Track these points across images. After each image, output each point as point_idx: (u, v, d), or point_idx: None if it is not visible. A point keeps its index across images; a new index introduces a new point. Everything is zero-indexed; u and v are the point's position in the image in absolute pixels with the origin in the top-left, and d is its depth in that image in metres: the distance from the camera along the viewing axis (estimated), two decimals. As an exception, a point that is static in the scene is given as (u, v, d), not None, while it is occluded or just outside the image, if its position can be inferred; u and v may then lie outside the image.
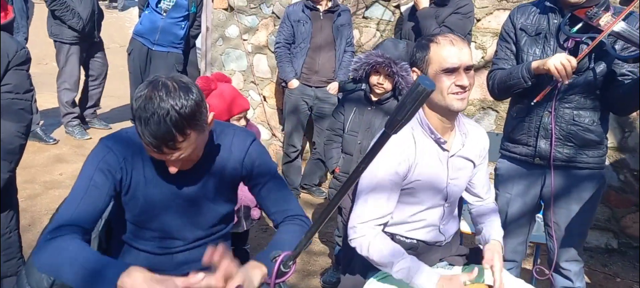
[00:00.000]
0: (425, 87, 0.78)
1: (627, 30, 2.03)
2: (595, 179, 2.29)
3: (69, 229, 1.44)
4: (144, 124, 1.38)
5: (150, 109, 1.37)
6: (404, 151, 1.79)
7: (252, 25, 5.21)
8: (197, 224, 1.66)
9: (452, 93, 1.74)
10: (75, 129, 5.24)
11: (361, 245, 1.79)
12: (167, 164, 1.49)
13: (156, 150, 1.42)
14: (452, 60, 1.72)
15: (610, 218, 3.76)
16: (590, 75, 2.18)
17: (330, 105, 4.20)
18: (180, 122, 1.38)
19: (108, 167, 1.52)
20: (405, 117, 0.82)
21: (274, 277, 1.03)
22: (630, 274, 3.55)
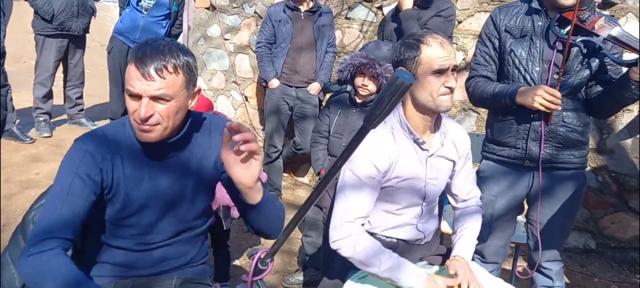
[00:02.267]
0: (403, 80, 0.77)
1: (625, 35, 2.06)
2: (579, 178, 2.31)
3: (52, 242, 1.41)
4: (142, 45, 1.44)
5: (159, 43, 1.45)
6: (384, 149, 1.80)
7: (234, 25, 5.18)
8: (178, 218, 1.64)
9: (441, 94, 1.76)
10: (40, 125, 5.10)
11: (347, 245, 1.76)
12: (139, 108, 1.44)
13: (142, 71, 1.40)
14: (442, 62, 1.74)
15: (588, 219, 3.80)
16: (578, 78, 2.19)
17: (311, 106, 4.19)
18: (176, 53, 1.44)
19: (86, 171, 1.48)
20: (383, 111, 0.80)
21: (252, 274, 1.01)
22: (608, 274, 3.59)
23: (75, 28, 5.08)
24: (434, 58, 1.74)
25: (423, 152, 1.87)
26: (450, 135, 1.93)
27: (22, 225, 1.67)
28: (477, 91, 2.32)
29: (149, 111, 1.44)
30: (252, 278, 1.02)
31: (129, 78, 1.43)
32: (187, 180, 1.63)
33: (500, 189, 2.40)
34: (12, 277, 1.61)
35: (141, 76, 1.41)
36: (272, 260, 1.03)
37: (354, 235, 1.77)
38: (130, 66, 1.43)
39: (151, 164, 1.58)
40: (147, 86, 1.42)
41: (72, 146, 1.54)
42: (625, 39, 2.07)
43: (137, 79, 1.42)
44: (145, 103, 1.43)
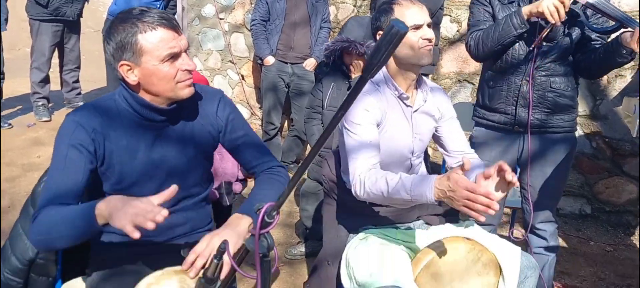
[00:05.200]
0: (399, 29, 0.81)
1: (602, 2, 2.10)
2: (568, 141, 2.37)
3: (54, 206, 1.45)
4: (151, 15, 1.49)
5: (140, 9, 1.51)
6: (375, 101, 1.89)
7: (228, 4, 5.18)
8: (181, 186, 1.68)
9: (421, 47, 1.85)
10: (38, 109, 5.13)
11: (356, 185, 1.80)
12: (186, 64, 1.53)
13: (174, 29, 1.51)
14: (417, 18, 1.86)
15: (583, 185, 3.87)
16: (563, 43, 2.23)
17: (307, 82, 4.23)
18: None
19: (79, 141, 1.52)
20: (380, 60, 0.85)
21: (259, 227, 1.06)
22: (603, 238, 3.66)
23: (70, 13, 5.08)
24: (407, 15, 1.86)
25: (407, 108, 1.97)
26: (431, 94, 2.03)
27: (32, 196, 1.71)
28: (481, 35, 2.32)
29: (192, 62, 1.56)
30: (259, 231, 1.07)
31: (165, 42, 1.49)
32: (183, 149, 1.67)
33: (493, 154, 2.45)
34: (25, 247, 1.65)
35: (175, 33, 1.51)
36: (278, 213, 1.07)
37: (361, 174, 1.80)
38: (157, 33, 1.48)
39: (146, 135, 1.62)
40: (183, 41, 1.53)
41: (64, 121, 1.57)
42: (602, 7, 2.12)
43: (173, 38, 1.50)
44: (186, 56, 1.54)
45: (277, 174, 1.78)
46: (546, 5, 2.07)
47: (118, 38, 1.49)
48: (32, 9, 4.95)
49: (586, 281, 3.10)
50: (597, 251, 3.48)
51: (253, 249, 1.10)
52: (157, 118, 1.61)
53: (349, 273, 1.91)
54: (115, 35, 1.50)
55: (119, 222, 1.25)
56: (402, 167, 2.03)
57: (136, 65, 1.51)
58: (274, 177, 1.77)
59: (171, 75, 1.52)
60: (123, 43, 1.49)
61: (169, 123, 1.64)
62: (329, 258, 2.11)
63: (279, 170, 1.80)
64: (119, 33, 1.49)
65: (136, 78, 1.53)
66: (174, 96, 1.57)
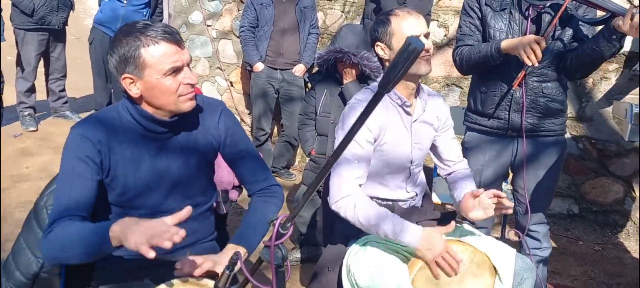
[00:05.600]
0: (415, 46, 0.84)
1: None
2: (560, 144, 2.42)
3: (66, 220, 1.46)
4: (155, 29, 1.50)
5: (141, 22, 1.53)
6: (375, 115, 1.89)
7: (216, 11, 5.19)
8: (183, 196, 1.69)
9: (420, 57, 1.85)
10: (25, 119, 5.09)
11: (347, 204, 1.84)
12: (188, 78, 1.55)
13: (177, 43, 1.52)
14: (414, 28, 1.88)
15: (570, 185, 3.94)
16: (555, 48, 2.28)
17: (297, 88, 4.25)
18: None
19: (86, 154, 1.53)
20: (397, 75, 0.87)
21: (274, 238, 1.08)
22: (592, 237, 3.74)
23: (56, 22, 5.05)
24: (404, 25, 1.89)
25: (408, 117, 1.99)
26: (430, 102, 2.06)
27: (35, 210, 1.71)
28: (464, 54, 2.39)
29: (194, 75, 1.57)
30: (274, 243, 1.08)
31: (168, 57, 1.50)
32: (187, 159, 1.69)
33: (486, 159, 2.49)
34: (28, 261, 1.65)
35: (178, 48, 1.52)
36: (292, 224, 1.10)
37: (353, 194, 1.85)
38: (160, 47, 1.49)
39: (149, 147, 1.63)
40: (185, 55, 1.55)
41: (69, 134, 1.58)
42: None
43: (176, 52, 1.52)
44: (188, 70, 1.55)
45: (271, 196, 1.83)
46: (521, 50, 2.12)
47: (121, 51, 1.50)
48: (17, 18, 4.91)
49: (577, 280, 3.16)
50: (586, 250, 3.55)
51: (267, 260, 1.12)
52: (159, 130, 1.62)
53: (350, 280, 1.94)
54: (118, 48, 1.51)
55: (134, 243, 1.27)
56: (402, 175, 2.06)
57: (139, 78, 1.52)
58: (268, 200, 1.82)
59: (173, 89, 1.54)
60: (126, 56, 1.50)
61: (172, 134, 1.65)
62: (329, 264, 2.12)
63: (274, 190, 1.85)
64: (123, 46, 1.50)
65: (139, 91, 1.55)
66: (176, 109, 1.58)
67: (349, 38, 2.89)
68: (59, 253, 1.44)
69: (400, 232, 1.79)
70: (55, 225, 1.46)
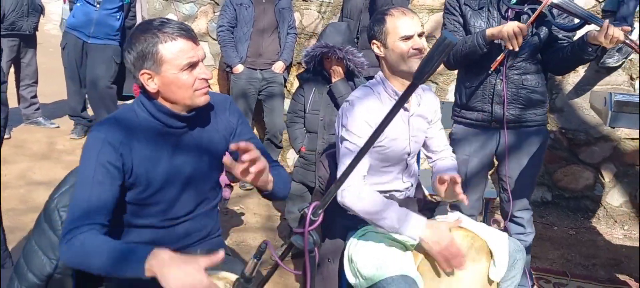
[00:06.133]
0: (450, 40, 0.92)
1: (565, 1, 2.29)
2: (541, 134, 2.55)
3: (87, 227, 1.49)
4: (171, 26, 1.55)
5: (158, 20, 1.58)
6: (375, 111, 1.99)
7: (190, 13, 5.19)
8: (197, 192, 1.74)
9: (412, 56, 1.96)
10: None
11: (351, 194, 1.91)
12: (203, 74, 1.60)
13: (193, 39, 1.57)
14: (407, 29, 1.97)
15: (544, 174, 4.11)
16: (533, 42, 2.41)
17: (277, 84, 4.31)
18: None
19: (107, 159, 1.55)
20: (432, 67, 0.95)
21: (307, 225, 1.14)
22: (565, 222, 3.92)
23: (26, 27, 4.98)
24: (398, 25, 1.97)
25: (405, 112, 2.08)
26: (424, 97, 2.15)
27: (45, 212, 1.72)
28: (453, 50, 2.49)
29: (209, 71, 1.63)
30: (308, 229, 1.15)
31: (184, 53, 1.55)
32: (201, 155, 1.74)
33: (472, 149, 2.61)
34: (42, 263, 1.66)
35: (194, 44, 1.57)
36: (322, 211, 1.16)
37: (356, 187, 1.92)
38: (177, 43, 1.54)
39: (167, 143, 1.67)
40: (200, 52, 1.60)
41: (88, 137, 1.60)
42: (566, 6, 2.32)
43: (192, 48, 1.57)
44: (203, 66, 1.61)
45: (282, 170, 1.89)
46: (506, 31, 2.25)
47: (139, 47, 1.54)
48: (-15, 23, 4.82)
49: (555, 263, 3.32)
50: (562, 235, 3.72)
51: (299, 245, 1.19)
52: (177, 124, 1.66)
53: (353, 270, 2.01)
54: (136, 45, 1.55)
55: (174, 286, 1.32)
56: (399, 166, 2.14)
57: (156, 73, 1.57)
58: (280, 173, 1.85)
59: (189, 84, 1.59)
60: (144, 52, 1.54)
61: (188, 129, 1.69)
62: (330, 255, 2.19)
63: (281, 168, 1.91)
64: (141, 43, 1.54)
65: (156, 86, 1.59)
66: (191, 104, 1.63)
67: (333, 36, 2.97)
68: (82, 260, 1.46)
69: (404, 220, 1.86)
70: (77, 231, 1.47)
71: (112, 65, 5.08)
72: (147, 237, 1.70)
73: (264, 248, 1.29)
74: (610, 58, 3.71)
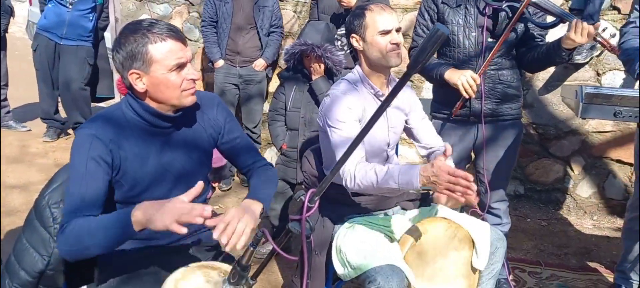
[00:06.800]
0: (442, 31, 0.98)
1: (542, 0, 2.38)
2: (517, 127, 2.65)
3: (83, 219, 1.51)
4: (161, 26, 1.58)
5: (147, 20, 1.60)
6: (356, 100, 2.07)
7: (165, 14, 5.17)
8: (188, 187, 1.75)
9: (390, 50, 2.03)
10: None
11: (352, 172, 1.95)
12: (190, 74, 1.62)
13: (182, 40, 1.60)
14: (386, 24, 2.04)
15: (516, 168, 4.23)
16: (509, 38, 2.49)
17: (255, 84, 4.29)
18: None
19: (98, 154, 1.57)
20: (426, 57, 1.01)
21: (304, 212, 1.19)
22: (538, 214, 4.05)
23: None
24: (377, 20, 2.04)
25: None
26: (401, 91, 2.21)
27: (36, 209, 1.72)
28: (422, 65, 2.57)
29: (196, 72, 1.65)
30: (305, 215, 1.19)
31: (173, 53, 1.57)
32: (189, 152, 1.77)
33: (451, 143, 2.66)
34: (33, 260, 1.67)
35: (183, 45, 1.59)
36: (318, 198, 1.21)
37: (354, 166, 1.96)
38: (166, 44, 1.56)
39: (155, 142, 1.70)
40: (188, 52, 1.62)
41: (77, 136, 1.62)
42: (542, 4, 2.42)
43: (180, 49, 1.58)
44: (191, 66, 1.63)
45: (270, 171, 1.96)
46: (461, 82, 2.37)
47: (129, 47, 1.56)
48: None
49: (529, 253, 3.43)
50: (534, 226, 3.85)
51: (296, 231, 1.23)
52: (163, 124, 1.68)
53: (341, 259, 2.06)
54: (125, 45, 1.56)
55: (163, 223, 1.34)
56: (380, 157, 2.21)
57: (145, 73, 1.59)
58: (269, 175, 1.94)
59: (177, 84, 1.61)
60: (134, 52, 1.56)
61: (175, 128, 1.72)
62: (317, 248, 2.24)
63: (269, 168, 1.98)
64: (130, 43, 1.56)
65: (144, 86, 1.61)
66: (179, 104, 1.66)
67: (312, 35, 3.03)
68: (77, 246, 1.48)
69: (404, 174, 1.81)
70: (72, 223, 1.50)
71: (85, 67, 5.04)
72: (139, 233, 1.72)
73: (260, 235, 1.33)
74: (578, 55, 3.85)
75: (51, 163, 4.62)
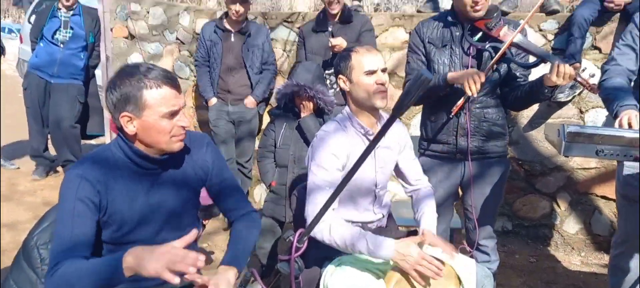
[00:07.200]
0: (426, 76, 1.02)
1: (524, 41, 2.46)
2: (503, 164, 2.69)
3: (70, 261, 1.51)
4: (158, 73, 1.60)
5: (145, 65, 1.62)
6: (341, 144, 2.09)
7: (156, 52, 5.23)
8: (175, 227, 1.78)
9: (375, 91, 2.07)
10: None
11: (323, 229, 1.96)
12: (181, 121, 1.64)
13: (177, 88, 1.62)
14: (371, 64, 2.09)
15: (503, 204, 4.27)
16: (493, 78, 2.56)
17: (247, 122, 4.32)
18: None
19: (85, 194, 1.59)
20: (410, 100, 1.04)
21: (293, 252, 1.20)
22: (526, 250, 4.07)
23: None
24: (362, 61, 2.09)
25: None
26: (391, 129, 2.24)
27: (24, 250, 1.73)
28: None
29: (187, 119, 1.68)
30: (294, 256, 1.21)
31: (167, 100, 1.60)
32: (178, 192, 1.78)
33: (438, 180, 2.72)
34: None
35: (177, 93, 1.62)
36: (307, 239, 1.23)
37: (326, 221, 1.97)
38: (162, 90, 1.59)
39: (143, 183, 1.72)
40: (181, 100, 1.64)
41: (66, 176, 1.64)
42: (525, 45, 2.49)
43: (175, 97, 1.61)
44: (182, 114, 1.65)
45: (253, 222, 1.96)
46: (466, 79, 2.38)
47: (124, 90, 1.59)
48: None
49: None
50: (523, 262, 3.86)
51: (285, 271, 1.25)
52: (151, 166, 1.71)
53: (329, 298, 2.07)
54: (120, 87, 1.59)
55: (155, 270, 1.35)
56: (369, 198, 2.23)
57: (137, 117, 1.61)
58: (250, 225, 1.94)
59: (168, 130, 1.64)
60: (128, 95, 1.59)
61: (163, 169, 1.74)
62: (305, 286, 2.24)
63: (255, 217, 1.99)
64: (125, 86, 1.59)
65: (134, 129, 1.63)
66: (167, 148, 1.68)
67: (303, 75, 3.09)
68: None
69: (375, 246, 1.92)
70: (60, 265, 1.50)
71: (75, 105, 5.07)
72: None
73: (249, 276, 1.34)
74: (561, 93, 3.94)
75: (39, 201, 4.59)
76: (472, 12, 2.47)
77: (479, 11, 2.46)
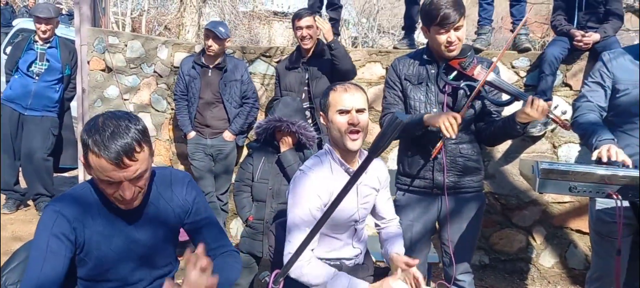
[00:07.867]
0: (401, 119, 1.03)
1: (497, 80, 2.51)
2: (479, 199, 2.72)
3: None
4: (104, 140, 1.49)
5: (109, 126, 1.51)
6: (325, 183, 2.08)
7: (133, 85, 5.20)
8: (152, 266, 1.75)
9: (347, 133, 2.07)
10: None
11: (300, 268, 1.97)
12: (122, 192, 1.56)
13: (116, 163, 1.50)
14: (344, 103, 2.08)
15: (480, 238, 4.29)
16: (468, 114, 2.60)
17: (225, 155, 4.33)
18: (137, 134, 1.54)
19: (61, 231, 1.57)
20: (385, 143, 1.05)
21: (270, 293, 1.19)
22: (503, 284, 4.08)
23: None
24: (337, 100, 2.10)
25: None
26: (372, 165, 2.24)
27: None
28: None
29: (132, 191, 1.58)
30: (270, 296, 1.20)
31: (103, 170, 1.52)
32: (155, 230, 1.76)
33: (415, 215, 2.73)
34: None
35: (116, 167, 1.52)
36: (283, 279, 1.22)
37: (304, 258, 1.97)
38: (100, 160, 1.51)
39: (120, 221, 1.70)
40: (125, 173, 1.54)
41: (44, 211, 1.62)
42: (498, 83, 2.55)
43: (113, 170, 1.52)
44: (126, 186, 1.56)
45: (234, 259, 1.93)
46: (442, 121, 2.38)
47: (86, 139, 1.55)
48: None
49: (496, 325, 3.44)
50: (500, 297, 3.88)
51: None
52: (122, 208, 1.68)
53: (306, 337, 2.04)
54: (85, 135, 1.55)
55: None
56: (348, 233, 2.22)
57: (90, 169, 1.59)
58: (231, 262, 1.91)
59: (110, 193, 1.60)
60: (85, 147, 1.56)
61: (140, 208, 1.71)
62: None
63: (234, 255, 1.95)
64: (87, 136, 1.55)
65: None
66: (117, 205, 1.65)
67: (283, 110, 3.10)
68: None
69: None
70: None
71: (49, 137, 5.00)
72: None
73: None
74: (533, 128, 4.02)
75: (9, 236, 4.48)
76: (447, 52, 2.51)
77: (453, 51, 2.51)
